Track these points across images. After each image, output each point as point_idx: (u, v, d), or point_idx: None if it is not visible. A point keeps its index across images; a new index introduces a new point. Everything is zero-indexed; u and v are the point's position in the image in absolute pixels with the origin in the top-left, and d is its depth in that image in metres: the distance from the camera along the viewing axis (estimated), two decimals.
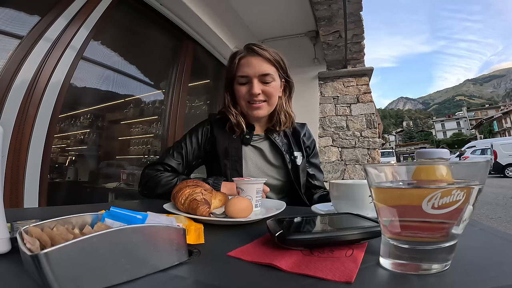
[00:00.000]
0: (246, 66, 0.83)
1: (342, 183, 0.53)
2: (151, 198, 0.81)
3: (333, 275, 0.25)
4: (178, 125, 2.22)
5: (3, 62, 1.13)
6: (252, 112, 0.86)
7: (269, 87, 0.84)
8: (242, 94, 0.85)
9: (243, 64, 0.84)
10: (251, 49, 0.85)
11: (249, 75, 0.83)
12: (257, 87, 0.82)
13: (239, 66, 0.85)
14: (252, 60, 0.83)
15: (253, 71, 0.82)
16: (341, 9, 2.42)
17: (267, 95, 0.84)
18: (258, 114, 0.86)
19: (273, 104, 0.88)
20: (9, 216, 0.33)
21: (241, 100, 0.87)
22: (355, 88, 3.53)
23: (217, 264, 0.30)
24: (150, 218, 0.32)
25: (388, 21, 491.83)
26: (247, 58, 0.84)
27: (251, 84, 0.83)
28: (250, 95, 0.83)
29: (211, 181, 0.76)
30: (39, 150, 1.22)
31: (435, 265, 0.26)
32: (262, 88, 0.83)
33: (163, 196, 0.75)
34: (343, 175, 3.36)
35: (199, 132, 0.92)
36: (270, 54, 0.85)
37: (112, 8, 1.61)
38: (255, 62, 0.83)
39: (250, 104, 0.85)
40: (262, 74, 0.83)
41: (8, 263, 0.29)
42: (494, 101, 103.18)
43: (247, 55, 0.85)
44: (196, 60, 2.54)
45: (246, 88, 0.84)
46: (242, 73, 0.84)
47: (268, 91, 0.84)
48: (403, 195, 0.27)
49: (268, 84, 0.84)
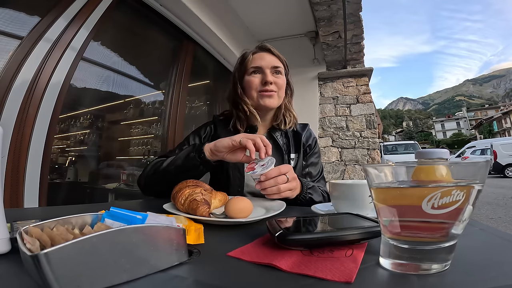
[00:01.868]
0: (259, 59, 0.90)
1: (342, 183, 0.53)
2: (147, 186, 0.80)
3: (333, 275, 0.25)
4: (178, 126, 2.22)
5: (3, 62, 1.13)
6: (264, 100, 0.89)
7: (280, 79, 0.91)
8: (255, 84, 0.89)
9: (256, 57, 0.91)
10: (263, 47, 0.93)
11: (262, 66, 0.89)
12: (270, 76, 0.89)
13: (253, 59, 0.91)
14: (264, 54, 0.91)
15: (266, 63, 0.89)
16: (341, 9, 2.43)
17: (278, 86, 0.90)
18: (271, 103, 0.89)
19: (281, 97, 0.92)
20: (9, 216, 0.33)
21: (252, 90, 0.90)
22: (354, 88, 3.54)
23: (217, 264, 0.30)
24: (150, 218, 0.32)
25: (389, 21, 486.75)
26: (260, 53, 0.92)
27: (264, 74, 0.89)
28: (264, 83, 0.88)
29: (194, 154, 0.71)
30: (39, 151, 1.22)
31: (435, 265, 0.26)
32: (274, 79, 0.89)
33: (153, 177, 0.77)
34: (343, 175, 3.36)
35: (202, 130, 0.95)
36: (279, 54, 0.93)
37: (112, 9, 1.61)
38: (267, 56, 0.91)
39: (262, 93, 0.89)
40: (274, 66, 0.89)
41: (8, 263, 0.29)
42: (494, 101, 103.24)
43: (260, 51, 0.93)
44: (196, 60, 2.54)
45: (259, 78, 0.89)
46: (255, 64, 0.90)
47: (279, 82, 0.90)
48: (403, 195, 0.27)
49: (278, 75, 0.91)
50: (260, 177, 0.61)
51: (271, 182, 0.61)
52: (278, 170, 0.62)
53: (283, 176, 0.63)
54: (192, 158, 0.70)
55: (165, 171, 0.74)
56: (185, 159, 0.71)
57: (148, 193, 0.82)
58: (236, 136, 0.67)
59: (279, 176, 0.62)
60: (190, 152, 0.71)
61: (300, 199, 0.71)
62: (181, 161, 0.72)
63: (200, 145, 0.72)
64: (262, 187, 0.61)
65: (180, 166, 0.71)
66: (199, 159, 0.69)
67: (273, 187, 0.61)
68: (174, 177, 0.67)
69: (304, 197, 0.71)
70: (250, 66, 0.90)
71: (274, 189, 0.62)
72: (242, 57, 0.94)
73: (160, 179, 0.75)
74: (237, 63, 0.96)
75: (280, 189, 0.62)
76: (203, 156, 0.69)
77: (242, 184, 0.85)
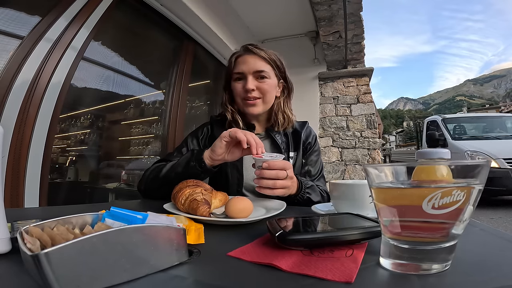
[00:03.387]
0: (241, 64, 0.86)
1: (342, 183, 0.53)
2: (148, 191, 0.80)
3: (333, 275, 0.25)
4: (178, 126, 2.22)
5: (4, 62, 1.14)
6: (247, 108, 0.87)
7: (264, 84, 0.86)
8: (238, 91, 0.87)
9: (239, 62, 0.87)
10: (247, 48, 0.88)
11: (244, 71, 0.85)
12: (251, 83, 0.84)
13: (236, 64, 0.88)
14: (247, 58, 0.86)
15: (248, 68, 0.85)
16: (341, 9, 2.43)
17: (261, 91, 0.86)
18: (253, 111, 0.87)
19: (268, 102, 0.89)
20: (9, 216, 0.34)
21: (237, 97, 0.88)
22: (355, 88, 3.54)
23: (217, 264, 0.30)
24: (150, 218, 0.32)
25: (389, 21, 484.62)
26: (243, 57, 0.87)
27: (245, 80, 0.85)
28: (245, 91, 0.85)
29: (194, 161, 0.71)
30: (39, 150, 1.22)
31: (435, 265, 0.26)
32: (257, 85, 0.85)
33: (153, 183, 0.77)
34: (343, 175, 3.35)
35: (199, 132, 0.94)
36: (266, 53, 0.87)
37: (113, 9, 1.61)
38: (251, 59, 0.86)
39: (245, 101, 0.87)
40: (256, 70, 0.85)
41: (8, 263, 0.29)
42: (495, 101, 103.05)
43: (244, 53, 0.88)
44: (196, 60, 2.54)
45: (241, 85, 0.86)
46: (237, 70, 0.86)
47: (263, 87, 0.86)
48: (403, 195, 0.27)
49: (263, 80, 0.86)
50: (262, 164, 0.60)
51: (272, 173, 0.60)
52: (283, 165, 0.61)
53: (284, 171, 0.62)
54: (192, 168, 0.69)
55: (165, 178, 0.74)
56: (185, 167, 0.71)
57: (148, 198, 0.82)
58: (224, 133, 0.66)
59: (280, 170, 0.61)
60: (190, 161, 0.70)
61: (297, 198, 0.70)
62: (181, 169, 0.71)
63: (199, 153, 0.71)
64: (261, 174, 0.60)
65: (180, 174, 0.71)
66: (199, 168, 0.69)
67: (269, 180, 0.60)
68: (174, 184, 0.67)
69: (301, 196, 0.70)
70: (233, 72, 0.87)
71: (269, 183, 0.60)
72: (229, 60, 0.91)
73: (160, 185, 0.75)
74: (227, 63, 0.93)
75: (276, 184, 0.60)
76: (203, 165, 0.69)
77: (241, 184, 0.85)
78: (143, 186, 0.81)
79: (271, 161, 0.60)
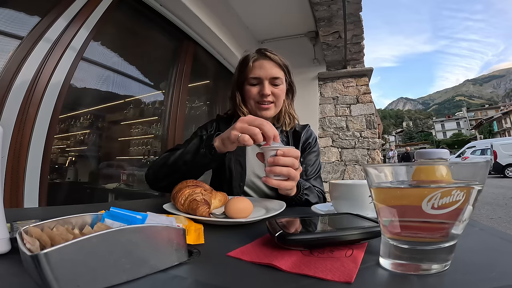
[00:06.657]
0: (258, 69, 0.88)
1: (341, 183, 0.53)
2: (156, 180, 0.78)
3: (333, 275, 0.25)
4: (178, 126, 2.22)
5: (3, 62, 1.13)
6: (260, 112, 0.90)
7: (278, 90, 0.89)
8: (253, 94, 0.89)
9: (256, 66, 0.89)
10: (264, 53, 0.90)
11: (261, 77, 0.88)
12: (268, 88, 0.87)
13: (252, 68, 0.89)
14: (264, 63, 0.89)
15: (265, 74, 0.88)
16: (341, 9, 2.43)
17: (275, 96, 0.90)
18: (266, 115, 0.90)
19: (279, 106, 0.93)
20: (9, 216, 0.34)
21: (250, 100, 0.91)
22: (354, 88, 3.54)
23: (217, 264, 0.30)
24: (150, 218, 0.32)
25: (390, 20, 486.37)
26: (260, 61, 0.89)
27: (262, 85, 0.88)
28: (261, 95, 0.88)
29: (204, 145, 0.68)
30: (39, 151, 1.22)
31: (435, 265, 0.26)
32: (272, 90, 0.89)
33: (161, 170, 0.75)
34: (343, 175, 3.36)
35: (208, 125, 0.97)
36: (280, 59, 0.91)
37: (112, 9, 1.61)
38: (267, 65, 0.88)
39: (259, 105, 0.89)
40: (273, 77, 0.88)
41: (8, 263, 0.29)
42: (494, 101, 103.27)
43: (260, 58, 0.90)
44: (196, 60, 2.54)
45: (257, 89, 0.89)
46: (254, 74, 0.89)
47: (277, 93, 0.89)
48: (403, 195, 0.27)
49: (277, 86, 0.90)
50: (277, 152, 0.56)
51: (287, 160, 0.57)
52: (298, 154, 0.59)
53: (298, 161, 0.59)
54: (202, 155, 0.66)
55: (173, 165, 0.71)
56: (194, 154, 0.68)
57: (155, 188, 0.80)
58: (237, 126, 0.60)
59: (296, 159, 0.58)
60: (200, 148, 0.67)
61: (295, 200, 0.69)
62: (191, 156, 0.68)
63: (208, 139, 0.67)
64: (275, 161, 0.56)
65: (190, 161, 0.68)
66: (210, 155, 0.66)
67: (284, 168, 0.57)
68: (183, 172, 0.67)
69: (300, 197, 0.70)
70: (249, 76, 0.89)
71: (283, 171, 0.57)
72: (243, 61, 0.92)
73: (167, 173, 0.73)
74: (238, 66, 0.94)
75: (290, 173, 0.57)
76: (214, 152, 0.66)
77: (243, 179, 0.86)
78: (151, 173, 0.79)
79: (286, 149, 0.57)
